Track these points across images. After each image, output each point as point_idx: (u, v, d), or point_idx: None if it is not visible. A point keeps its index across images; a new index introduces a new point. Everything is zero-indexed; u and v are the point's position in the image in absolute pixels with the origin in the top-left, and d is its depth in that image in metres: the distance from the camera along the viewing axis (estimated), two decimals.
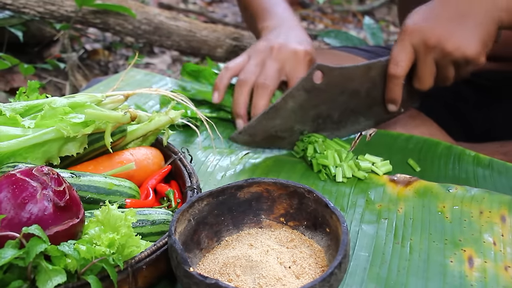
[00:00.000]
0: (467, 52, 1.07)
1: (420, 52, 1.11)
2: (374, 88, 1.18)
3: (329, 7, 4.49)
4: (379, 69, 1.16)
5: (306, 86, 1.12)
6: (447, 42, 1.07)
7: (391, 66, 1.14)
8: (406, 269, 0.85)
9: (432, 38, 1.08)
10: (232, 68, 1.27)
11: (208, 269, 0.76)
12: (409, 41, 1.11)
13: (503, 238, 0.91)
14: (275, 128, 1.14)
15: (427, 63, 1.11)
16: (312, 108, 1.15)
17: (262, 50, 1.27)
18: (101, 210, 0.73)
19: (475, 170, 1.13)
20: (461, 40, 1.07)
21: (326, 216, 0.79)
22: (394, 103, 1.19)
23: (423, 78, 1.14)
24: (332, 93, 1.15)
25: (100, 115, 0.88)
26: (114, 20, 2.43)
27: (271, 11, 1.42)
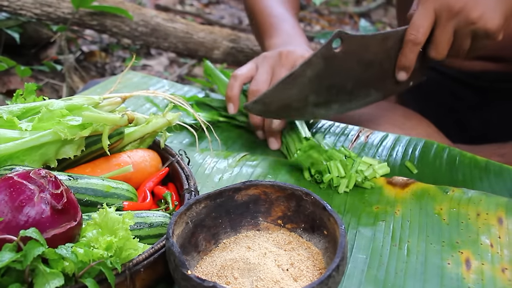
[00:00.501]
0: (488, 24, 1.06)
1: (442, 18, 1.08)
2: (388, 59, 1.16)
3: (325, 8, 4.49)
4: (396, 39, 1.14)
5: (325, 54, 1.09)
6: (472, 10, 1.05)
7: (411, 32, 1.10)
8: (403, 271, 0.85)
9: (458, 4, 1.05)
10: (241, 76, 1.24)
11: (206, 272, 0.76)
12: (432, 5, 1.07)
13: (500, 240, 0.91)
14: (290, 98, 1.12)
15: (446, 30, 1.09)
16: (328, 77, 1.13)
17: (270, 57, 1.25)
18: (99, 213, 0.73)
19: (472, 172, 1.13)
20: (485, 11, 1.05)
21: (323, 219, 0.79)
22: (406, 70, 1.16)
23: (441, 46, 1.11)
24: (349, 62, 1.13)
25: (97, 118, 0.88)
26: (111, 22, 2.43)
27: (278, 28, 1.38)
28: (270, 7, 1.44)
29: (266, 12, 1.44)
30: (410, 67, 1.16)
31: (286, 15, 1.43)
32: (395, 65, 1.17)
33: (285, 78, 1.08)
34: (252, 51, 2.64)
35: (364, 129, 1.27)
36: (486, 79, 1.51)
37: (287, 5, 1.46)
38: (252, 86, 1.21)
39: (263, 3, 1.46)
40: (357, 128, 1.27)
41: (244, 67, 1.27)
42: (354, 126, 1.28)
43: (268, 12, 1.43)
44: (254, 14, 1.49)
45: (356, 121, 1.34)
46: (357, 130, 1.27)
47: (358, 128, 1.28)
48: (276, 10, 1.43)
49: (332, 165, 1.06)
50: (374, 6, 4.51)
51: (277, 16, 1.42)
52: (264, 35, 1.42)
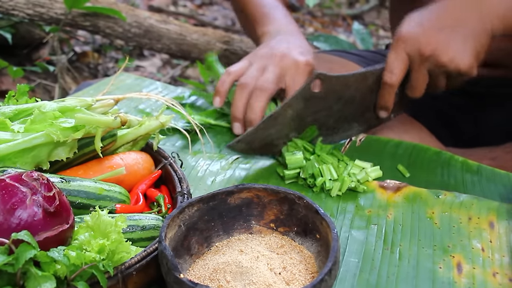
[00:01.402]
0: (460, 65, 1.08)
1: (414, 62, 1.11)
2: (368, 95, 1.19)
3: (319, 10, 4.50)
4: (374, 77, 1.16)
5: (304, 95, 1.12)
6: (442, 54, 1.08)
7: (386, 74, 1.14)
8: (395, 275, 0.85)
9: (427, 49, 1.08)
10: (234, 73, 1.26)
11: (198, 275, 0.76)
12: (404, 49, 1.10)
13: (491, 244, 0.92)
14: (271, 136, 1.14)
15: (420, 72, 1.12)
16: (309, 115, 1.15)
17: (264, 56, 1.27)
18: (91, 215, 0.73)
19: (464, 176, 1.14)
20: (455, 53, 1.08)
21: (316, 222, 0.79)
22: (385, 110, 1.20)
23: (416, 86, 1.14)
24: (329, 101, 1.16)
25: (90, 120, 0.88)
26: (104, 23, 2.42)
27: (271, 16, 1.41)
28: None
29: (256, 2, 1.46)
30: (389, 107, 1.19)
31: (276, 4, 1.45)
32: (376, 100, 1.20)
33: (266, 119, 1.11)
34: (245, 53, 2.64)
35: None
36: (483, 85, 1.51)
37: None
38: (242, 80, 1.23)
39: None
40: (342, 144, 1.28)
41: (238, 64, 1.29)
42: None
43: (259, 3, 1.46)
44: (244, 6, 1.50)
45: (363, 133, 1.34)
46: None
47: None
48: (267, 0, 1.46)
49: (325, 168, 1.06)
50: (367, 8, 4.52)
51: (268, 6, 1.44)
52: (256, 24, 1.43)
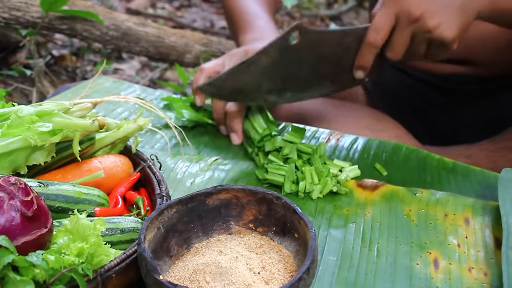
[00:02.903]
0: (444, 34, 1.08)
1: (401, 22, 1.10)
2: (346, 55, 1.18)
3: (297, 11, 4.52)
4: (355, 36, 1.15)
5: (281, 45, 1.10)
6: (430, 19, 1.08)
7: (371, 34, 1.13)
8: (373, 273, 0.86)
9: (417, 11, 1.07)
10: (207, 70, 1.27)
11: (178, 277, 0.76)
12: (394, 8, 1.10)
13: (467, 240, 0.93)
14: (243, 83, 1.14)
15: (404, 34, 1.11)
16: (283, 67, 1.14)
17: (236, 53, 1.28)
18: (70, 219, 0.73)
19: (440, 173, 1.15)
20: (443, 21, 1.08)
21: (294, 222, 0.80)
22: (363, 69, 1.19)
23: (397, 48, 1.14)
24: (305, 55, 1.14)
25: (68, 124, 0.88)
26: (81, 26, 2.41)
27: (253, 24, 1.42)
28: (246, 5, 1.47)
29: (242, 10, 1.48)
30: (367, 67, 1.18)
31: (261, 12, 1.46)
32: (353, 61, 1.19)
33: (240, 64, 1.10)
34: None
35: (334, 132, 1.28)
36: (454, 82, 1.54)
37: (263, 4, 1.49)
38: None
39: (239, 2, 1.49)
40: (327, 131, 1.29)
41: (211, 62, 1.30)
42: (324, 129, 1.30)
43: (244, 10, 1.47)
44: (230, 13, 1.52)
45: (327, 124, 1.35)
46: (328, 133, 1.28)
47: (328, 131, 1.29)
48: (252, 8, 1.47)
49: (307, 172, 1.06)
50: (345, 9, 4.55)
51: (252, 13, 1.46)
52: (239, 31, 1.45)
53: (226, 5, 1.57)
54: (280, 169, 1.06)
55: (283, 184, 1.05)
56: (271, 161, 1.09)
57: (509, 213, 0.94)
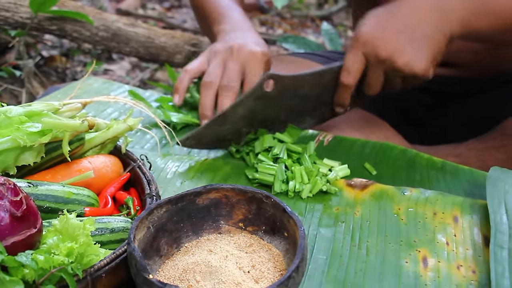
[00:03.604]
0: (415, 69, 1.09)
1: (371, 63, 1.12)
2: (324, 92, 1.21)
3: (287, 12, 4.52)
4: (330, 76, 1.18)
5: (256, 95, 1.13)
6: (398, 59, 1.09)
7: (343, 75, 1.15)
8: (363, 271, 0.87)
9: (384, 52, 1.09)
10: (191, 70, 1.29)
11: (168, 276, 0.76)
12: (361, 50, 1.12)
13: (455, 238, 0.94)
14: (223, 133, 1.16)
15: (376, 73, 1.14)
16: (261, 112, 1.17)
17: (220, 51, 1.29)
18: (59, 219, 0.73)
19: (429, 172, 1.16)
20: (411, 57, 1.09)
21: (284, 221, 0.80)
22: (342, 106, 1.23)
23: (372, 85, 1.17)
24: (283, 99, 1.17)
25: (57, 124, 0.88)
26: (71, 26, 2.40)
27: (226, 15, 1.44)
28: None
29: (214, 2, 1.49)
30: (345, 104, 1.22)
31: (233, 5, 1.48)
32: (332, 96, 1.22)
33: (217, 117, 1.13)
34: None
35: (323, 133, 1.29)
36: (439, 83, 1.55)
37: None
38: (206, 78, 1.25)
39: None
40: (317, 132, 1.29)
41: (195, 62, 1.32)
42: (314, 131, 1.30)
43: (216, 3, 1.49)
44: (202, 5, 1.53)
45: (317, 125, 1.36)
46: (317, 134, 1.29)
47: (318, 132, 1.29)
48: (223, 1, 1.49)
49: (296, 171, 1.07)
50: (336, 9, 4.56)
51: (224, 6, 1.47)
52: (212, 23, 1.46)
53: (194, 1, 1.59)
54: (269, 169, 1.06)
55: (273, 183, 1.06)
56: (261, 161, 1.09)
57: (497, 211, 0.95)
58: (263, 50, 1.29)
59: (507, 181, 1.02)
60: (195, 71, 1.29)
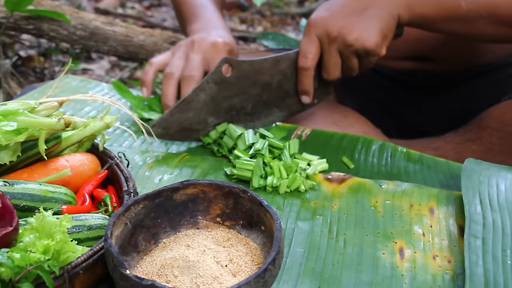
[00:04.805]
0: (366, 43, 1.14)
1: (324, 43, 1.16)
2: (286, 80, 1.23)
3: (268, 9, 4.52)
4: (288, 62, 1.20)
5: (215, 79, 1.15)
6: (347, 34, 1.13)
7: (300, 59, 1.19)
8: (340, 263, 0.87)
9: (334, 30, 1.14)
10: (156, 63, 1.32)
11: (146, 272, 0.76)
12: (314, 33, 1.16)
13: (431, 229, 0.95)
14: (188, 121, 1.18)
15: (331, 53, 1.17)
16: (224, 100, 1.18)
17: (183, 44, 1.32)
18: (36, 217, 0.73)
19: (406, 165, 1.17)
20: (361, 32, 1.13)
21: (261, 215, 0.81)
22: (307, 94, 1.25)
23: (329, 68, 1.20)
24: (243, 86, 1.19)
25: (33, 122, 0.87)
26: (48, 26, 2.38)
27: (199, 15, 1.46)
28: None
29: (188, 2, 1.52)
30: (309, 91, 1.24)
31: (207, 4, 1.51)
32: (295, 86, 1.25)
33: (179, 103, 1.15)
34: None
35: (302, 127, 1.29)
36: (416, 77, 1.57)
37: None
38: (167, 70, 1.28)
39: None
40: (295, 126, 1.30)
41: (160, 55, 1.36)
42: (292, 125, 1.31)
43: (191, 2, 1.52)
44: (179, 5, 1.56)
45: (295, 120, 1.37)
46: (296, 128, 1.29)
47: (296, 126, 1.30)
48: (199, 0, 1.51)
49: (275, 167, 1.07)
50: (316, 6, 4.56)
51: (198, 5, 1.50)
52: (186, 23, 1.49)
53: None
54: (247, 164, 1.07)
55: (251, 178, 1.06)
56: (238, 157, 1.10)
57: (472, 201, 0.96)
58: (224, 40, 1.32)
59: (481, 172, 1.04)
60: (159, 63, 1.32)
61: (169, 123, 1.17)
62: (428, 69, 1.53)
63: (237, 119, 1.22)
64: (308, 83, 1.22)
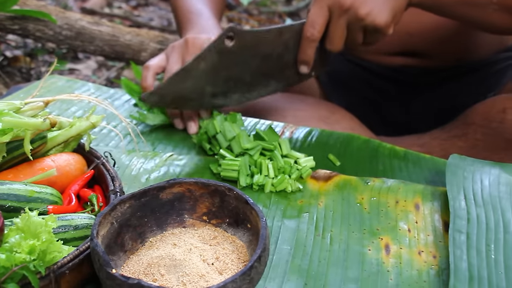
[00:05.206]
0: (377, 20, 1.12)
1: (334, 14, 1.14)
2: (286, 51, 1.21)
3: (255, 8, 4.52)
4: (291, 33, 1.19)
5: (217, 48, 1.13)
6: (360, 7, 1.11)
7: (308, 28, 1.16)
8: (326, 260, 0.88)
9: (347, 1, 1.11)
10: (153, 66, 1.29)
11: (133, 271, 0.77)
12: (326, 1, 1.13)
13: (417, 225, 0.96)
14: (186, 90, 1.15)
15: (339, 25, 1.15)
16: (224, 70, 1.16)
17: (177, 46, 1.30)
18: (21, 217, 0.73)
19: (391, 162, 1.18)
20: (373, 7, 1.12)
21: (247, 213, 0.81)
22: (306, 64, 1.23)
23: (334, 39, 1.18)
24: (244, 56, 1.17)
25: (18, 123, 0.87)
26: (33, 26, 2.37)
27: (195, 22, 1.44)
28: (190, 4, 1.50)
29: (185, 8, 1.50)
30: (310, 61, 1.22)
31: (204, 11, 1.48)
32: (296, 57, 1.23)
33: (179, 71, 1.12)
34: None
35: (289, 125, 1.30)
36: (404, 73, 1.58)
37: (207, 3, 1.51)
38: (166, 76, 1.25)
39: (184, 1, 1.51)
40: (282, 124, 1.31)
41: (155, 58, 1.32)
42: (279, 123, 1.31)
43: (187, 9, 1.49)
44: (176, 11, 1.55)
45: (281, 117, 1.37)
46: (282, 126, 1.30)
47: (283, 124, 1.31)
48: (195, 7, 1.49)
49: (263, 165, 1.07)
50: (303, 5, 4.57)
51: (194, 12, 1.48)
52: (182, 29, 1.48)
53: (172, 4, 1.60)
54: (233, 165, 1.07)
55: (238, 178, 1.06)
56: (224, 157, 1.10)
57: (456, 197, 0.97)
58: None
59: (465, 168, 1.05)
60: (156, 66, 1.29)
61: (166, 91, 1.15)
62: (416, 65, 1.54)
63: (234, 89, 1.21)
64: (310, 53, 1.20)
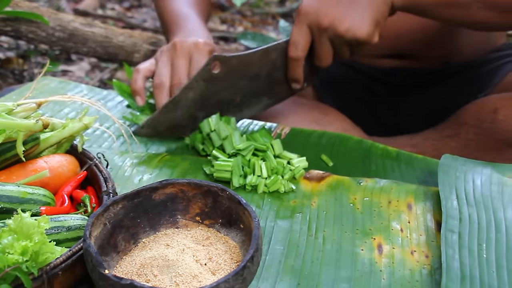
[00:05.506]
0: (357, 34, 1.13)
1: (315, 33, 1.15)
2: (275, 69, 1.22)
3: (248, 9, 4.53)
4: (277, 52, 1.20)
5: (204, 77, 1.14)
6: (339, 25, 1.12)
7: (291, 49, 1.18)
8: (319, 260, 0.88)
9: (325, 21, 1.12)
10: (143, 69, 1.30)
11: (126, 271, 0.77)
12: (304, 22, 1.15)
13: (409, 224, 0.97)
14: (177, 118, 1.17)
15: (322, 42, 1.16)
16: (213, 96, 1.18)
17: (166, 50, 1.30)
18: (14, 218, 0.72)
19: (384, 162, 1.19)
20: (352, 23, 1.12)
21: (239, 213, 0.81)
22: (297, 82, 1.25)
23: (321, 56, 1.19)
24: (232, 80, 1.18)
25: (10, 124, 0.87)
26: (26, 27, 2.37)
27: (181, 26, 1.44)
28: (177, 7, 1.51)
29: (171, 12, 1.51)
30: (300, 79, 1.24)
31: (191, 14, 1.49)
32: (285, 73, 1.24)
33: (168, 103, 1.14)
34: None
35: (282, 126, 1.30)
36: (396, 75, 1.58)
37: (194, 6, 1.52)
38: (156, 80, 1.26)
39: (170, 4, 1.53)
40: (275, 125, 1.31)
41: (146, 62, 1.34)
42: (272, 124, 1.32)
43: (174, 12, 1.50)
44: (161, 14, 1.56)
45: (274, 118, 1.37)
46: (275, 127, 1.30)
47: (276, 125, 1.31)
48: (182, 10, 1.50)
49: (256, 165, 1.07)
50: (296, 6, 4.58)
51: (180, 15, 1.48)
52: (169, 32, 1.48)
53: (158, 7, 1.60)
54: (225, 165, 1.07)
55: (231, 178, 1.07)
56: (217, 157, 1.10)
57: (448, 197, 0.97)
58: (205, 40, 1.31)
59: (457, 168, 1.05)
60: (146, 69, 1.30)
61: (158, 122, 1.17)
62: (406, 67, 1.55)
63: (226, 111, 1.22)
64: (299, 72, 1.22)
